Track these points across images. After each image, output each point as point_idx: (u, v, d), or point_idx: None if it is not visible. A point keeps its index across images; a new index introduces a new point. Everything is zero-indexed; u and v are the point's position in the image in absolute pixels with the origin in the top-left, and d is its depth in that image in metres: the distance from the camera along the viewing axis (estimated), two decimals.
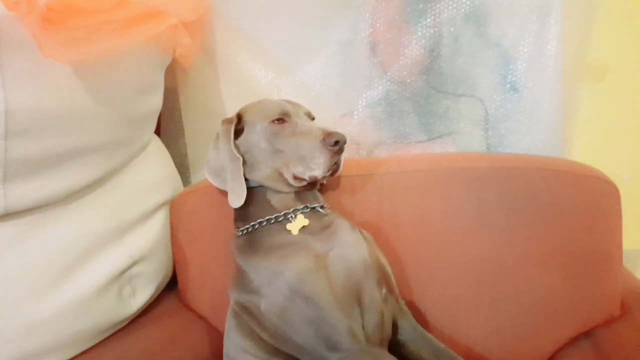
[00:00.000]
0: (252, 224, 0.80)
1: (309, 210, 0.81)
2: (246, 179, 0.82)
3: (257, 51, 1.10)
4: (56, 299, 0.77)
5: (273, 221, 0.79)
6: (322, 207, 0.83)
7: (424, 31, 1.02)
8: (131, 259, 0.90)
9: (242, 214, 0.83)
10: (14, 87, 0.67)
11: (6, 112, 0.66)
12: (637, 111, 1.03)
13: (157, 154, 1.06)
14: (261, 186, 0.83)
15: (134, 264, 0.91)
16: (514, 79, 1.02)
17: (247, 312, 0.76)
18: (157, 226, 0.99)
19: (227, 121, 0.85)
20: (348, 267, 0.74)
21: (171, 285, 1.08)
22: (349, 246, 0.76)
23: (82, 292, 0.80)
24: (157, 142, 1.09)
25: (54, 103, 0.73)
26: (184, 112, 1.18)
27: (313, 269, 0.71)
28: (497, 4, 1.00)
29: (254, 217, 0.81)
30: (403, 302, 0.83)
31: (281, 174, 0.81)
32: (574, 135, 1.04)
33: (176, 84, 1.15)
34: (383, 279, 0.78)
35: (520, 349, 0.88)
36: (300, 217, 0.79)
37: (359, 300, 0.73)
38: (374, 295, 0.74)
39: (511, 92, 1.03)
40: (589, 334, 0.87)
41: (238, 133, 0.85)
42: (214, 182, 0.87)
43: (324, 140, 0.76)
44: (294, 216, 0.79)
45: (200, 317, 1.01)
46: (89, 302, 0.82)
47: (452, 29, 1.01)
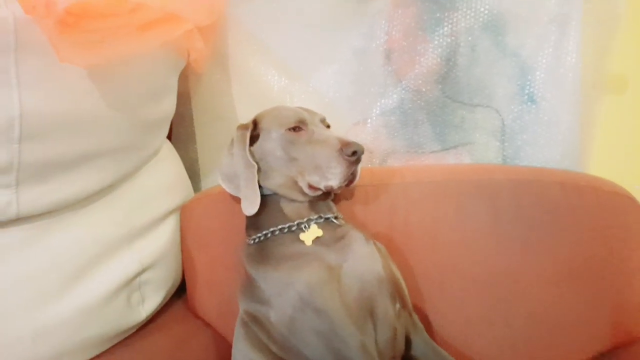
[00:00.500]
0: (264, 232, 0.79)
1: (322, 220, 0.80)
2: (260, 186, 0.80)
3: (270, 57, 1.09)
4: (65, 304, 0.76)
5: (286, 230, 0.78)
6: (336, 218, 0.81)
7: (441, 40, 1.01)
8: (141, 265, 0.89)
9: (254, 222, 0.82)
10: (29, 90, 0.67)
11: (21, 115, 0.66)
12: None
13: (169, 159, 1.05)
14: (275, 194, 0.82)
15: (143, 270, 0.90)
16: (531, 89, 1.00)
17: (256, 322, 0.75)
18: (168, 232, 0.98)
19: (243, 127, 0.84)
20: (361, 281, 0.72)
21: (179, 291, 1.07)
22: (363, 259, 0.75)
23: (91, 298, 0.80)
24: (168, 146, 1.08)
25: (67, 107, 0.73)
26: (196, 117, 1.17)
27: (326, 281, 0.70)
28: (516, 13, 0.98)
29: (266, 225, 0.80)
30: (416, 317, 0.81)
31: (296, 183, 0.80)
32: (592, 149, 1.02)
33: (188, 88, 1.14)
34: (397, 293, 0.76)
35: None
36: (314, 227, 0.78)
37: (371, 315, 0.71)
38: (387, 310, 0.72)
39: (529, 103, 1.01)
40: (608, 355, 0.85)
41: (253, 140, 0.84)
42: (227, 188, 0.86)
43: (341, 150, 0.75)
44: (307, 226, 0.78)
45: (207, 324, 0.99)
46: (98, 308, 0.81)
47: (470, 38, 1.00)
